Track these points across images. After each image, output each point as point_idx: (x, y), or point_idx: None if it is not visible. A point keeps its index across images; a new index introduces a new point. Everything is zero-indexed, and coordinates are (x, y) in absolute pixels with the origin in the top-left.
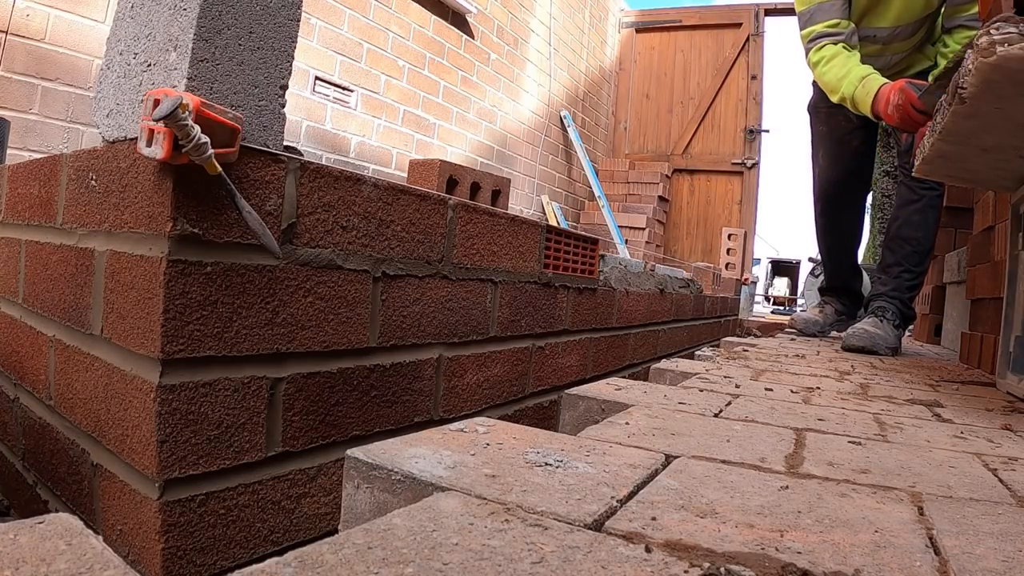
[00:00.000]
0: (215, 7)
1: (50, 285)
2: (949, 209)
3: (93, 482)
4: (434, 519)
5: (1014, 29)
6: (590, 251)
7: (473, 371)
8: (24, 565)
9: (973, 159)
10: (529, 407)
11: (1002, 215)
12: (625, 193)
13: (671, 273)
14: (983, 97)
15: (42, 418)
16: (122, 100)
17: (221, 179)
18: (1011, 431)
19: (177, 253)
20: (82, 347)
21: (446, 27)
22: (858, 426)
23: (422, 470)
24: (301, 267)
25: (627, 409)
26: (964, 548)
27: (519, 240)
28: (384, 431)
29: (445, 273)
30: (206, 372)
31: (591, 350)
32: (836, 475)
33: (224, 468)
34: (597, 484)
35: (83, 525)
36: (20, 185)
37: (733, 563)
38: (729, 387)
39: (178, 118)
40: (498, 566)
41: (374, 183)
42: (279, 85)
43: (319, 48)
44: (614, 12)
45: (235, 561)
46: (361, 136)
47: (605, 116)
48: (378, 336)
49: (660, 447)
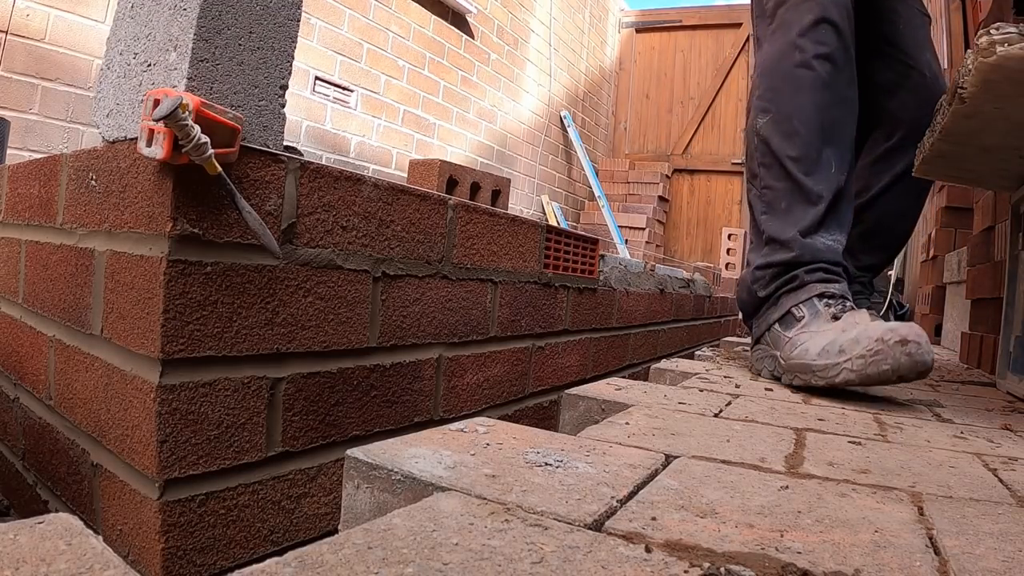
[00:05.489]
0: (215, 7)
1: (50, 285)
2: (949, 209)
3: (93, 482)
4: (434, 519)
5: (1014, 29)
6: (590, 251)
7: (473, 371)
8: (24, 565)
9: (973, 159)
10: (529, 407)
11: (1002, 215)
12: (625, 193)
13: (671, 273)
14: (983, 97)
15: (42, 418)
16: (122, 100)
17: (221, 179)
18: (1011, 431)
19: (177, 253)
20: (82, 347)
21: (446, 27)
22: (858, 426)
23: (422, 470)
24: (301, 267)
25: (627, 409)
26: (964, 548)
27: (519, 240)
28: (384, 431)
29: (445, 273)
30: (206, 372)
31: (591, 350)
32: (836, 475)
33: (224, 468)
34: (597, 484)
35: (83, 525)
36: (20, 185)
37: (733, 563)
38: (729, 387)
39: (178, 118)
40: (498, 566)
41: (374, 183)
42: (279, 85)
43: (319, 48)
44: (614, 12)
45: (235, 561)
46: (361, 136)
47: (605, 116)
48: (378, 336)
49: (660, 447)
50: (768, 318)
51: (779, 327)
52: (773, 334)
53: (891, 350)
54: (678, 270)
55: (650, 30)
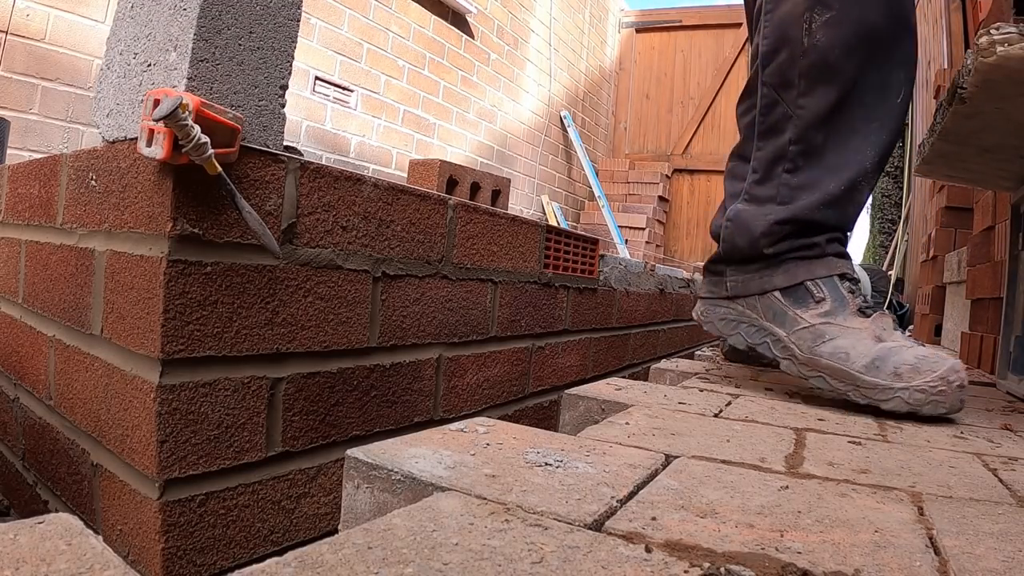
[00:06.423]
0: (215, 7)
1: (50, 285)
2: (949, 209)
3: (93, 482)
4: (434, 519)
5: (1014, 29)
6: (590, 251)
7: (473, 371)
8: (24, 565)
9: (973, 159)
10: (529, 407)
11: (1002, 215)
12: (625, 193)
13: (671, 273)
14: (983, 97)
15: (42, 418)
16: (122, 100)
17: (221, 179)
18: (1011, 431)
19: (177, 253)
20: (82, 347)
21: (446, 27)
22: (858, 426)
23: (422, 470)
24: (301, 267)
25: (627, 409)
26: (964, 548)
27: (519, 240)
28: (384, 431)
29: (445, 273)
30: (206, 372)
31: (591, 350)
32: (836, 475)
33: (224, 468)
34: (597, 484)
35: (83, 525)
36: (20, 185)
37: (733, 563)
38: (729, 387)
39: (178, 118)
40: (498, 566)
41: (374, 183)
42: (279, 85)
43: (319, 48)
44: (614, 12)
45: (235, 561)
46: (361, 136)
47: (605, 116)
48: (378, 336)
49: (660, 447)
50: (767, 280)
51: (784, 299)
52: (773, 304)
53: (953, 393)
54: (678, 270)
55: (650, 30)
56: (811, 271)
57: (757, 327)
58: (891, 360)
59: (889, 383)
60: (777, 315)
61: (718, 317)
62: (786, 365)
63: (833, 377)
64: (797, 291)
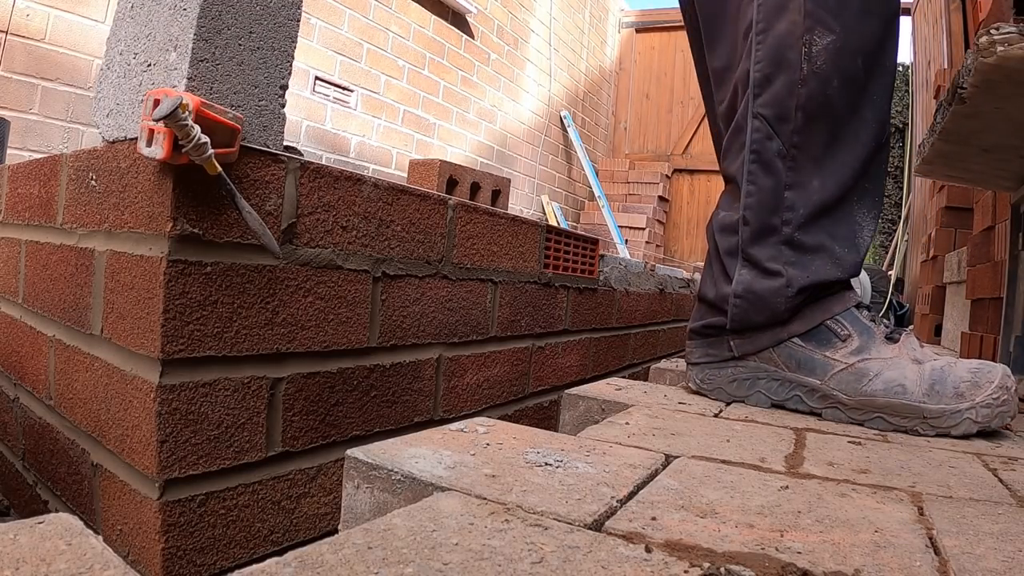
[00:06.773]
0: (215, 7)
1: (50, 285)
2: (949, 209)
3: (93, 482)
4: (434, 519)
5: (1014, 29)
6: (590, 251)
7: (473, 371)
8: (24, 565)
9: (973, 159)
10: (529, 407)
11: (1002, 215)
12: (625, 193)
13: (671, 273)
14: (983, 97)
15: (42, 418)
16: (122, 100)
17: (221, 179)
18: (1011, 431)
19: (177, 253)
20: (82, 347)
21: (446, 27)
22: (858, 426)
23: (422, 470)
24: (301, 267)
25: (627, 409)
26: (964, 548)
27: (519, 240)
28: (384, 431)
29: (445, 273)
30: (206, 372)
31: (591, 350)
32: (836, 475)
33: (224, 468)
34: (597, 484)
35: (83, 525)
36: (20, 185)
37: (733, 563)
38: None
39: (178, 118)
40: (498, 566)
41: (374, 183)
42: (279, 85)
43: (319, 48)
44: (614, 12)
45: (235, 561)
46: (361, 136)
47: (605, 116)
48: (378, 336)
49: (660, 447)
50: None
51: (806, 344)
52: (794, 352)
53: (1012, 399)
54: (678, 270)
55: (650, 30)
56: (828, 310)
57: (779, 380)
58: (948, 381)
59: (955, 406)
60: (803, 363)
61: (727, 380)
62: (831, 414)
63: (894, 415)
64: (819, 333)
